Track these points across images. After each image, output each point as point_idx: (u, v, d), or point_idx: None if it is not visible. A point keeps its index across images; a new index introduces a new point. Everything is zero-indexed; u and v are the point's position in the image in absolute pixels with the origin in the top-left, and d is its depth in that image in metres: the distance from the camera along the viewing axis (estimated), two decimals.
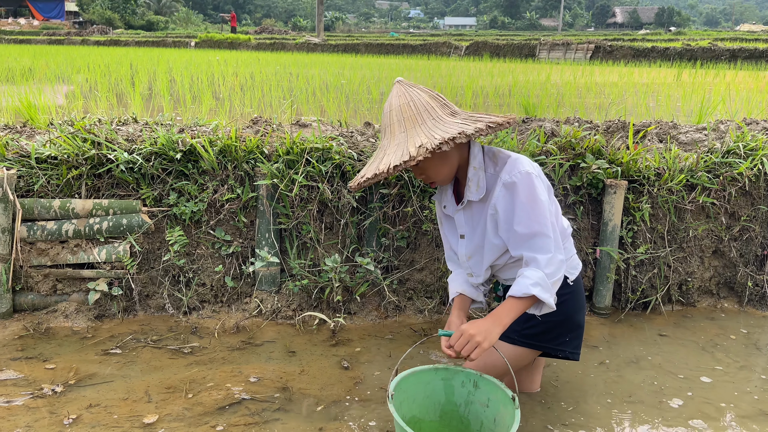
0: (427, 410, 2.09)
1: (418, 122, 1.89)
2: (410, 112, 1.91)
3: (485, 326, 1.84)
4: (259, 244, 3.23)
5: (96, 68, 10.51)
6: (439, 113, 1.92)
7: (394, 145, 1.90)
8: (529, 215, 1.91)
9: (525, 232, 1.92)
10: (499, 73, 11.76)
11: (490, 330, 1.83)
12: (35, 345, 2.90)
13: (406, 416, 2.02)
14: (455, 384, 2.08)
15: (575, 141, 3.39)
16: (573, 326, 2.25)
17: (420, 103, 1.93)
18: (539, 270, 1.89)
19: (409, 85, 1.98)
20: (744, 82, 9.93)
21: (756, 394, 2.63)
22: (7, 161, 3.20)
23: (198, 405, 2.44)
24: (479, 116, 1.94)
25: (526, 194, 1.92)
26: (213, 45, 29.89)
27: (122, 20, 61.65)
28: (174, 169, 3.22)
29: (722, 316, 3.45)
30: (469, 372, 2.04)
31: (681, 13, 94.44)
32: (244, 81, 8.71)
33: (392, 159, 1.84)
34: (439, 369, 2.07)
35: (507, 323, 1.87)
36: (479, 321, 1.87)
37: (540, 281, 1.86)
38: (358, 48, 27.35)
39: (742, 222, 3.50)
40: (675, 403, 2.55)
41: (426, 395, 2.08)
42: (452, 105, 1.99)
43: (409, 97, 1.93)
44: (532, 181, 1.92)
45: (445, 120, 1.90)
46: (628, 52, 21.33)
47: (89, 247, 3.16)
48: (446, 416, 2.10)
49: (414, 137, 1.86)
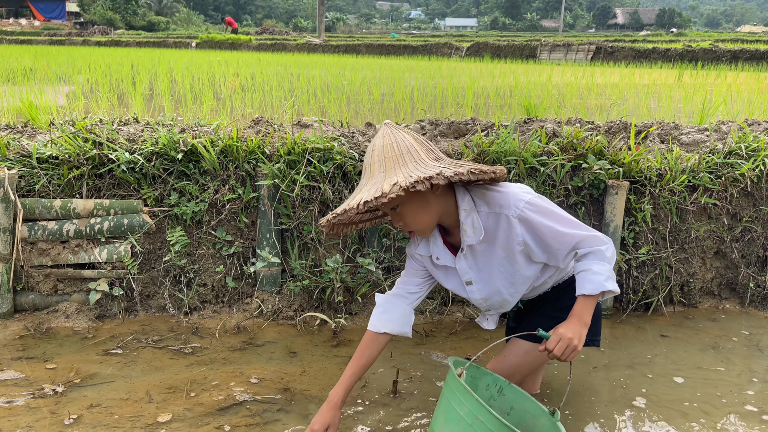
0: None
1: (399, 163, 1.85)
2: (392, 153, 1.87)
3: (577, 329, 1.85)
4: (260, 244, 3.23)
5: (97, 68, 10.52)
6: (423, 156, 1.88)
7: (371, 184, 1.85)
8: (560, 232, 1.92)
9: (571, 243, 1.94)
10: (500, 74, 11.76)
11: (581, 332, 1.85)
12: (36, 345, 2.89)
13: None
14: (480, 385, 2.06)
15: (577, 141, 3.39)
16: (597, 313, 2.27)
17: (404, 145, 1.88)
18: (604, 262, 1.90)
19: (395, 127, 1.94)
20: (745, 83, 9.93)
21: (758, 395, 2.62)
22: (9, 161, 3.20)
23: (199, 405, 2.43)
24: (463, 163, 1.94)
25: (544, 216, 1.93)
26: (214, 45, 29.91)
27: (123, 21, 61.70)
28: (175, 169, 3.22)
29: (724, 317, 3.45)
30: (497, 377, 2.03)
31: (682, 15, 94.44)
32: (246, 81, 8.71)
33: (365, 195, 1.80)
34: (471, 366, 2.04)
35: (589, 322, 1.89)
36: (571, 323, 1.87)
37: (610, 274, 1.89)
38: (359, 49, 27.36)
39: (744, 223, 3.49)
40: (676, 404, 2.54)
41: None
42: (438, 151, 1.96)
43: (393, 138, 1.89)
44: (538, 203, 1.94)
45: (427, 163, 1.86)
46: (629, 53, 21.33)
47: (90, 247, 3.16)
48: None
49: (391, 177, 1.81)
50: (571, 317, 1.89)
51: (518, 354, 2.23)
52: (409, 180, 1.75)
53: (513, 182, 3.20)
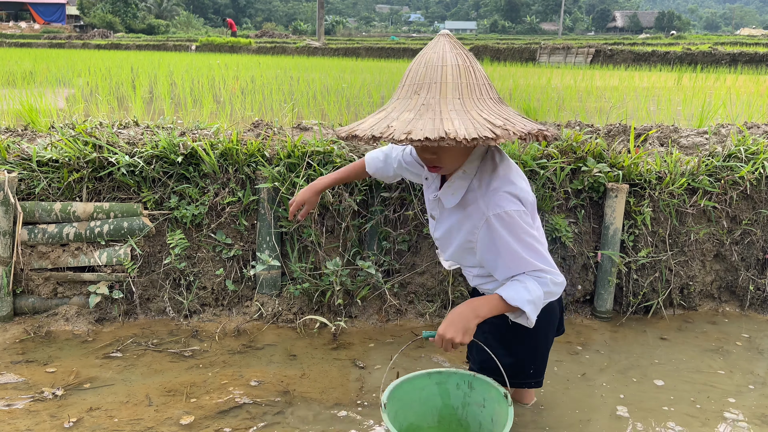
0: (424, 416, 2.07)
1: (476, 96, 1.63)
2: (467, 80, 1.63)
3: (461, 324, 1.79)
4: (260, 247, 3.23)
5: (97, 72, 10.52)
6: (492, 95, 1.69)
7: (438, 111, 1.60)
8: (519, 255, 1.80)
9: (523, 269, 1.82)
10: (500, 76, 11.76)
11: (466, 326, 1.80)
12: (36, 348, 2.89)
13: (402, 425, 2.00)
14: (450, 387, 2.05)
15: (576, 144, 3.39)
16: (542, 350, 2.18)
17: (480, 75, 1.67)
18: (540, 287, 1.81)
19: (462, 45, 1.72)
20: (744, 86, 9.94)
21: (759, 399, 2.62)
22: (9, 164, 3.20)
23: (199, 408, 2.43)
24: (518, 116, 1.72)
25: (509, 233, 1.79)
26: (214, 49, 29.93)
27: (123, 24, 61.75)
28: (175, 172, 3.22)
29: (724, 320, 3.45)
30: (464, 373, 2.01)
31: (681, 18, 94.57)
32: (245, 85, 8.72)
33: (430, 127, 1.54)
34: (432, 373, 2.04)
35: (485, 317, 1.82)
36: (456, 315, 1.82)
37: (536, 301, 1.80)
38: (358, 52, 27.38)
39: (744, 226, 3.50)
40: (676, 407, 2.54)
41: (422, 401, 2.06)
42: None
43: (469, 62, 1.65)
44: (514, 221, 1.79)
45: (503, 107, 1.68)
46: (628, 56, 21.34)
47: (90, 250, 3.16)
48: (444, 420, 2.08)
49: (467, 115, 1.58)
50: (467, 306, 1.83)
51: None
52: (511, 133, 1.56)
53: None
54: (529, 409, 2.48)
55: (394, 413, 1.94)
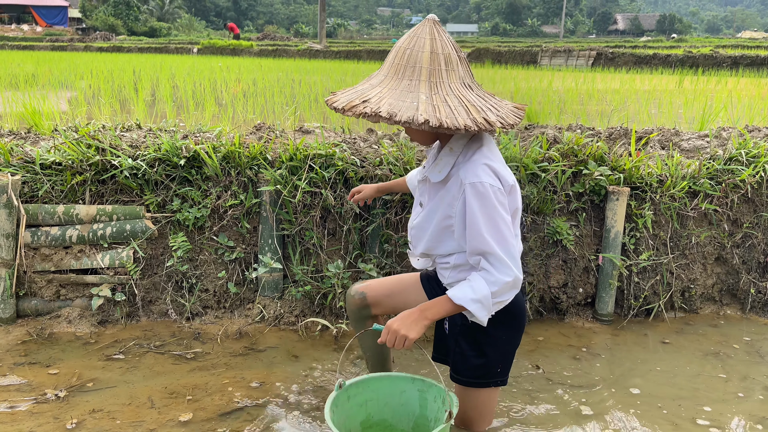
0: (400, 419, 2.10)
1: (440, 83, 1.75)
2: (437, 66, 1.75)
3: (411, 320, 1.85)
4: (262, 250, 3.24)
5: (99, 74, 10.55)
6: (457, 83, 1.79)
7: (404, 91, 1.75)
8: (479, 231, 1.81)
9: (481, 248, 1.82)
10: (501, 79, 11.77)
11: (414, 324, 1.84)
12: (39, 350, 2.90)
13: (374, 417, 2.07)
14: (429, 398, 2.06)
15: (577, 148, 3.40)
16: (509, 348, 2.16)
17: (451, 61, 1.77)
18: (487, 286, 1.81)
19: (444, 31, 1.80)
20: (746, 89, 9.94)
21: (760, 402, 2.63)
22: (12, 167, 3.21)
23: (200, 410, 2.44)
24: (496, 105, 1.81)
25: (480, 205, 1.81)
26: (215, 51, 29.97)
27: (125, 27, 61.85)
28: (177, 175, 3.23)
29: (725, 323, 3.45)
30: (439, 388, 2.00)
31: (682, 20, 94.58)
32: (247, 87, 8.74)
33: (396, 109, 1.70)
34: (416, 380, 2.06)
35: (433, 318, 1.87)
36: (406, 314, 1.87)
37: (483, 300, 1.81)
38: (360, 54, 27.41)
39: (745, 229, 3.50)
40: (677, 410, 2.54)
41: (401, 403, 2.08)
42: (471, 71, 1.87)
43: (442, 47, 1.77)
44: (486, 192, 1.80)
45: (466, 95, 1.77)
46: (629, 59, 21.35)
47: (93, 252, 3.17)
48: (418, 429, 2.09)
49: (429, 98, 1.72)
50: (416, 308, 1.88)
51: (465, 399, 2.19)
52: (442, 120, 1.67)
53: None
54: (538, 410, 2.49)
55: (363, 401, 2.02)
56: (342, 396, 1.95)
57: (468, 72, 1.85)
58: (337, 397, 1.92)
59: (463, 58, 1.82)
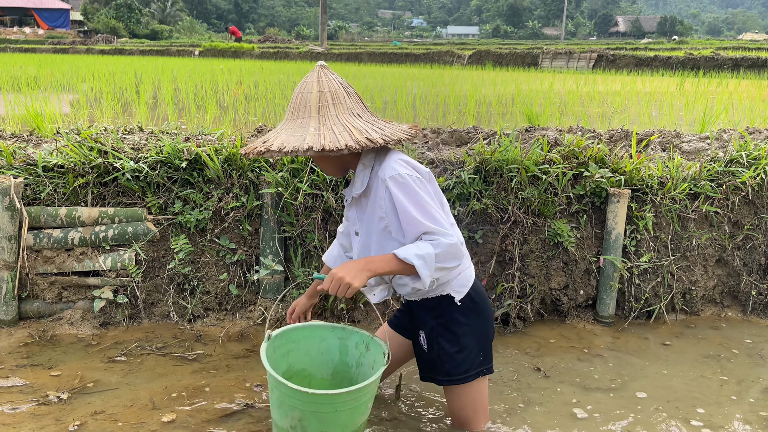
0: (319, 367, 2.19)
1: (324, 115, 1.94)
2: (321, 101, 1.95)
3: (356, 269, 1.92)
4: (264, 252, 3.24)
5: (101, 77, 10.58)
6: (345, 114, 1.97)
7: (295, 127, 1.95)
8: (412, 217, 1.92)
9: (417, 231, 1.94)
10: (502, 81, 11.79)
11: (358, 273, 1.91)
12: (41, 352, 2.91)
13: (294, 366, 2.16)
14: (350, 345, 2.15)
15: (578, 150, 3.41)
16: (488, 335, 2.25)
17: (333, 97, 1.96)
18: (431, 247, 1.91)
19: (329, 72, 2.01)
20: (747, 91, 9.95)
21: (760, 404, 2.63)
22: (15, 170, 3.22)
23: (202, 412, 2.45)
24: (383, 126, 1.99)
25: (405, 195, 1.93)
26: (217, 54, 30.03)
27: (127, 29, 61.96)
28: (179, 177, 3.24)
29: (726, 325, 3.45)
30: (364, 334, 2.09)
31: (683, 22, 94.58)
32: (249, 90, 8.75)
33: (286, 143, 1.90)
34: (336, 328, 2.16)
35: (377, 270, 1.93)
36: (350, 263, 1.95)
37: (426, 257, 1.89)
38: (361, 57, 27.45)
39: (746, 231, 3.50)
40: (678, 413, 2.54)
41: (320, 352, 2.17)
42: (363, 105, 2.04)
43: (327, 86, 1.97)
44: (406, 181, 1.94)
45: (349, 124, 1.94)
46: (630, 61, 21.37)
47: (95, 254, 3.18)
48: (338, 375, 2.18)
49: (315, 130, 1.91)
50: (362, 259, 1.97)
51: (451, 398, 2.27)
52: (325, 145, 1.85)
53: (511, 189, 3.22)
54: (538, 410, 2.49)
55: (286, 351, 2.12)
56: (270, 348, 2.04)
57: (358, 103, 2.03)
58: (266, 348, 2.01)
59: (351, 93, 2.01)
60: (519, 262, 3.27)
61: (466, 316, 2.13)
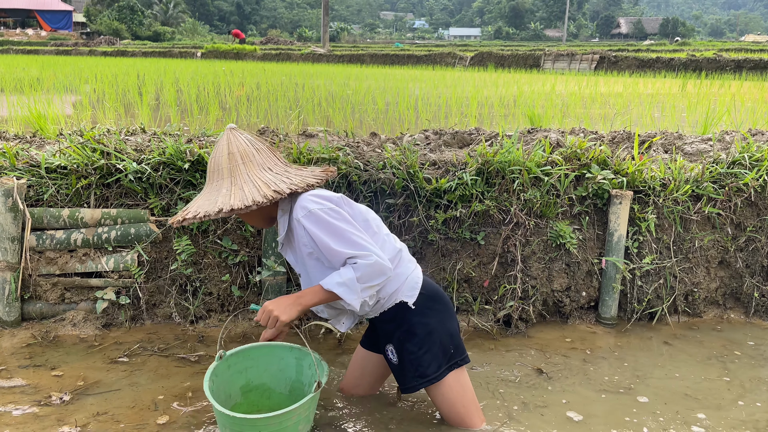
0: (278, 382, 2.33)
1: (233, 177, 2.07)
2: (229, 164, 2.09)
3: (286, 303, 2.04)
4: (266, 253, 3.25)
5: (104, 79, 10.60)
6: (256, 171, 2.09)
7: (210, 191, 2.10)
8: (331, 249, 2.02)
9: (340, 260, 2.03)
10: (504, 83, 11.80)
11: (288, 307, 2.04)
12: (43, 353, 2.91)
13: (253, 381, 2.30)
14: (304, 365, 2.27)
15: (580, 151, 3.41)
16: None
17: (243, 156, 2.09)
18: (353, 272, 2.00)
19: (239, 134, 2.13)
20: (749, 92, 9.94)
21: (764, 407, 2.62)
22: (18, 171, 3.23)
23: (205, 413, 2.45)
24: (296, 173, 2.14)
25: (320, 229, 2.03)
26: (219, 55, 30.08)
27: (129, 31, 62.12)
28: (182, 178, 3.25)
29: (728, 327, 3.44)
30: (315, 356, 2.18)
31: (686, 24, 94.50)
32: (251, 91, 8.77)
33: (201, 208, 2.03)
34: (294, 349, 2.28)
35: (307, 304, 2.06)
36: (283, 297, 2.07)
37: (348, 283, 2.00)
38: (363, 58, 27.48)
39: (748, 232, 3.50)
40: (679, 415, 2.54)
41: (280, 369, 2.31)
42: (276, 156, 2.18)
43: (235, 147, 2.10)
44: (318, 215, 2.03)
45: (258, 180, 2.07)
46: (632, 63, 21.37)
47: (97, 256, 3.19)
48: (294, 392, 2.31)
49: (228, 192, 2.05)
50: (293, 294, 2.09)
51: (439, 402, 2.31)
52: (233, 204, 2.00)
53: (513, 191, 3.22)
54: (538, 412, 2.49)
55: (243, 368, 2.26)
56: (222, 365, 2.17)
57: (269, 157, 2.17)
58: (217, 366, 2.13)
59: (261, 149, 2.15)
60: (521, 264, 3.27)
61: (425, 315, 2.21)
